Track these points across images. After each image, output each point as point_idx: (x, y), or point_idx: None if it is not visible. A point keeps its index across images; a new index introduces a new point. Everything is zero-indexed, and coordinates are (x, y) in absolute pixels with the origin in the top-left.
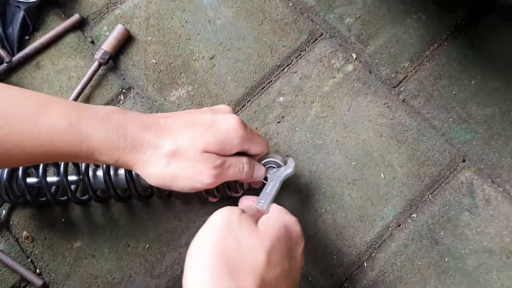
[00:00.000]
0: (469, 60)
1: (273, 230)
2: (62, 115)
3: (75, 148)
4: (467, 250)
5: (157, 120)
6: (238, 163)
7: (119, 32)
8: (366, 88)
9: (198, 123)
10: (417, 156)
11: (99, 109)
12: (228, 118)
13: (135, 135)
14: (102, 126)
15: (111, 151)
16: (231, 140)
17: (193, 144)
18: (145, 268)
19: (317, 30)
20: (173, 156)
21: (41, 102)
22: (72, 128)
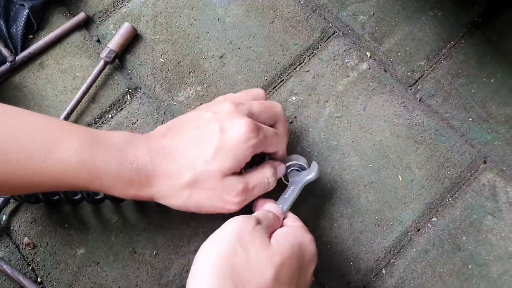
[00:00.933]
0: (487, 58)
1: (285, 247)
2: (74, 150)
3: (87, 185)
4: (491, 256)
5: (166, 143)
6: (263, 182)
7: (126, 30)
8: (382, 87)
9: (207, 138)
10: (436, 158)
11: (112, 140)
12: (236, 126)
13: (148, 170)
14: (114, 163)
15: (125, 189)
16: (244, 152)
17: (211, 170)
18: (152, 276)
19: (330, 28)
20: (193, 186)
21: (53, 134)
22: (84, 166)
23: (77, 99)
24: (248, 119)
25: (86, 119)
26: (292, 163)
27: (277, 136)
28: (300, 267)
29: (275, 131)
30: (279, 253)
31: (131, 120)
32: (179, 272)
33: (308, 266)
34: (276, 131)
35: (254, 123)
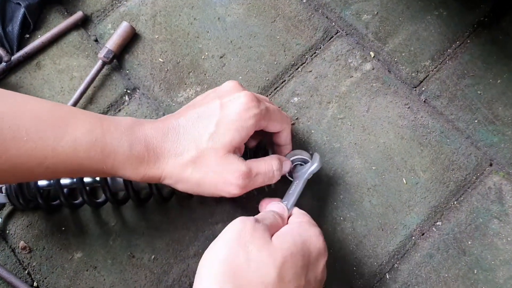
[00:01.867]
0: (493, 58)
1: (287, 245)
2: (86, 129)
3: (100, 164)
4: (498, 260)
5: (171, 123)
6: (268, 171)
7: (124, 30)
8: (386, 88)
9: (208, 115)
10: (441, 160)
11: (120, 120)
12: (235, 98)
13: (156, 146)
14: (126, 140)
15: (136, 167)
16: (245, 123)
17: (213, 146)
18: (151, 281)
19: (332, 28)
20: (196, 163)
21: (64, 115)
22: (97, 143)
23: (74, 99)
24: (248, 92)
25: None
26: (296, 158)
27: (280, 113)
28: (307, 263)
29: (278, 108)
30: (280, 251)
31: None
32: (178, 277)
33: (317, 261)
34: (278, 108)
35: (254, 94)
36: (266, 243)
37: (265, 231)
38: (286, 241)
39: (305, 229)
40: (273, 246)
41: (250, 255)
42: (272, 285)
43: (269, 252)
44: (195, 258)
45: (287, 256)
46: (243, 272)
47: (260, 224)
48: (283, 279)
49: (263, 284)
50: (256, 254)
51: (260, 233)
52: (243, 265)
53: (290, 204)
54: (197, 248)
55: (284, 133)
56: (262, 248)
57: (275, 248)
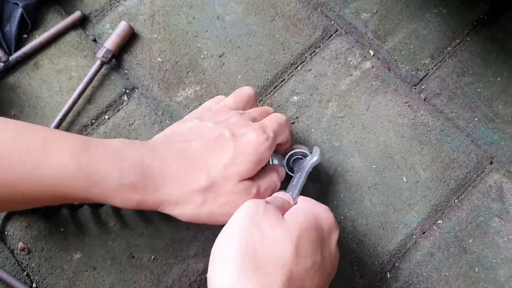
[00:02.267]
0: (493, 56)
1: (301, 220)
2: (68, 155)
3: (84, 194)
4: (499, 259)
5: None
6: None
7: (122, 29)
8: (385, 86)
9: (222, 146)
10: (441, 158)
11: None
12: (248, 133)
13: (155, 172)
14: (116, 166)
15: (128, 196)
16: (262, 155)
17: (227, 176)
18: (151, 281)
19: (332, 26)
20: (208, 192)
21: (44, 139)
22: (81, 172)
23: (73, 100)
24: (257, 124)
25: (82, 120)
26: (295, 151)
27: (281, 126)
28: (321, 237)
29: (277, 121)
30: (294, 227)
31: (128, 121)
32: (178, 277)
33: (330, 236)
34: (276, 120)
35: (262, 126)
36: (279, 220)
37: (277, 210)
38: (299, 216)
39: (313, 205)
40: (286, 223)
41: (265, 234)
42: (290, 261)
43: (284, 228)
44: (195, 258)
45: (302, 230)
46: (260, 250)
47: (271, 204)
48: (300, 254)
49: (282, 260)
50: (271, 232)
51: (272, 212)
52: (259, 243)
53: (296, 194)
54: (197, 248)
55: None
56: (276, 226)
57: (288, 224)
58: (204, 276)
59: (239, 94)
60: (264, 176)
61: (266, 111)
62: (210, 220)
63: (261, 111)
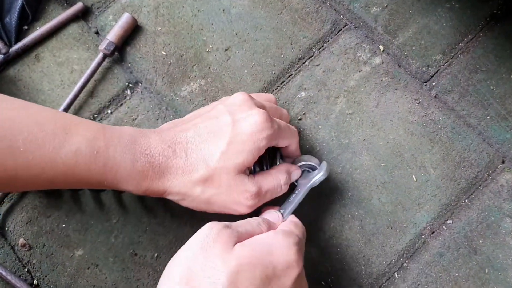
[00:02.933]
0: (507, 52)
1: (247, 253)
2: (88, 140)
3: (100, 177)
4: (510, 260)
5: (178, 137)
6: (277, 187)
7: (125, 21)
8: (395, 83)
9: (219, 132)
10: (452, 157)
11: (123, 131)
12: (248, 117)
13: (161, 161)
14: (129, 153)
15: (139, 182)
16: (258, 144)
17: (224, 166)
18: (154, 280)
19: (341, 20)
20: (207, 181)
21: (65, 124)
22: (99, 156)
23: (74, 93)
24: (261, 110)
25: (84, 114)
26: (304, 163)
27: (290, 129)
28: (270, 276)
29: (287, 124)
30: (236, 259)
31: (131, 116)
32: None
33: (284, 275)
34: (287, 124)
35: (267, 113)
36: (225, 249)
37: (230, 238)
38: (247, 250)
39: (277, 239)
40: (230, 254)
41: (207, 261)
42: None
43: (224, 260)
44: None
45: (244, 265)
46: (198, 277)
47: (228, 230)
48: None
49: None
50: (212, 260)
51: (223, 239)
52: (199, 270)
53: (287, 213)
54: None
55: (293, 147)
56: (219, 255)
57: (232, 256)
58: None
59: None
60: (270, 175)
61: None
62: (207, 208)
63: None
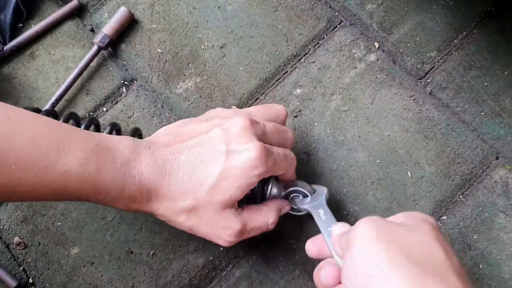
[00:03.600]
0: (501, 49)
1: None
2: (79, 162)
3: (90, 197)
4: (503, 255)
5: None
6: (262, 227)
7: (121, 15)
8: (390, 80)
9: (211, 162)
10: (447, 153)
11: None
12: (244, 152)
13: (150, 186)
14: (120, 178)
15: (128, 203)
16: (249, 181)
17: (211, 200)
18: (150, 277)
19: (336, 17)
20: (191, 213)
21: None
22: (90, 179)
23: (66, 84)
24: (259, 144)
25: (79, 112)
26: (297, 189)
27: (286, 159)
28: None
29: (285, 153)
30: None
31: (127, 114)
32: (178, 273)
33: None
34: (285, 153)
35: (265, 148)
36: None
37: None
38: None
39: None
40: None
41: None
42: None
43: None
44: (195, 254)
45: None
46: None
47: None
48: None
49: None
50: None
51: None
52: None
53: (332, 224)
54: (197, 244)
55: (288, 174)
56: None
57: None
58: (204, 271)
59: (268, 106)
60: (258, 214)
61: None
62: (191, 232)
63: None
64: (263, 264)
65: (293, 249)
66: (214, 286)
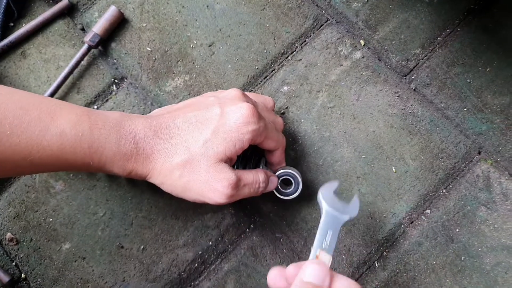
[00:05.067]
0: (483, 46)
1: None
2: (72, 123)
3: (87, 159)
4: (485, 247)
5: (166, 123)
6: (254, 183)
7: (111, 14)
8: (376, 77)
9: (206, 121)
10: (430, 148)
11: (109, 115)
12: (237, 109)
13: (146, 144)
14: (114, 136)
15: (124, 164)
16: (242, 137)
17: (205, 153)
18: (140, 271)
19: (322, 16)
20: (186, 166)
21: (50, 108)
22: (84, 138)
23: (57, 83)
24: (251, 105)
25: None
26: (283, 171)
27: (278, 133)
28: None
29: (276, 126)
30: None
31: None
32: (168, 267)
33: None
34: (276, 127)
35: (256, 109)
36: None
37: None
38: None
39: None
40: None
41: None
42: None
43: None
44: (184, 248)
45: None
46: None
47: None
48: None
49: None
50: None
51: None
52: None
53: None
54: (186, 238)
55: (278, 152)
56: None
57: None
58: (193, 265)
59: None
60: (249, 172)
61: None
62: (184, 194)
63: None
64: (250, 257)
65: (280, 242)
66: (203, 280)
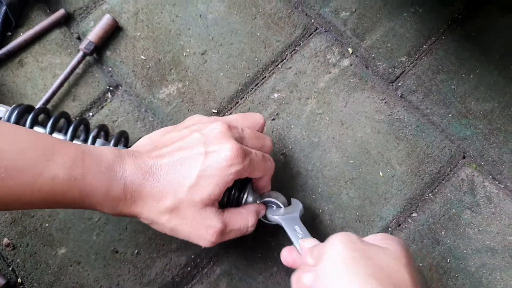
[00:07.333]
0: (467, 54)
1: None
2: (66, 168)
3: (77, 202)
4: (469, 249)
5: (153, 164)
6: (242, 229)
7: (106, 22)
8: (363, 84)
9: (191, 163)
10: (416, 153)
11: (103, 157)
12: (221, 150)
13: (134, 189)
14: (105, 182)
15: (113, 206)
16: (226, 178)
17: (191, 199)
18: (134, 275)
19: (312, 25)
20: (173, 212)
21: (45, 150)
22: (77, 183)
23: (53, 89)
24: (235, 143)
25: None
26: (269, 200)
27: (265, 162)
28: None
29: (264, 155)
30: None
31: (112, 118)
32: (161, 271)
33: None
34: (264, 155)
35: (241, 148)
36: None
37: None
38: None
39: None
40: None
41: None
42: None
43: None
44: (178, 252)
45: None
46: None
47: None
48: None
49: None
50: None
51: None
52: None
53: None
54: (179, 242)
55: (264, 178)
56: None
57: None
58: (186, 269)
59: (246, 115)
60: (239, 216)
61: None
62: (172, 234)
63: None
64: (242, 261)
65: (271, 246)
66: (196, 283)
